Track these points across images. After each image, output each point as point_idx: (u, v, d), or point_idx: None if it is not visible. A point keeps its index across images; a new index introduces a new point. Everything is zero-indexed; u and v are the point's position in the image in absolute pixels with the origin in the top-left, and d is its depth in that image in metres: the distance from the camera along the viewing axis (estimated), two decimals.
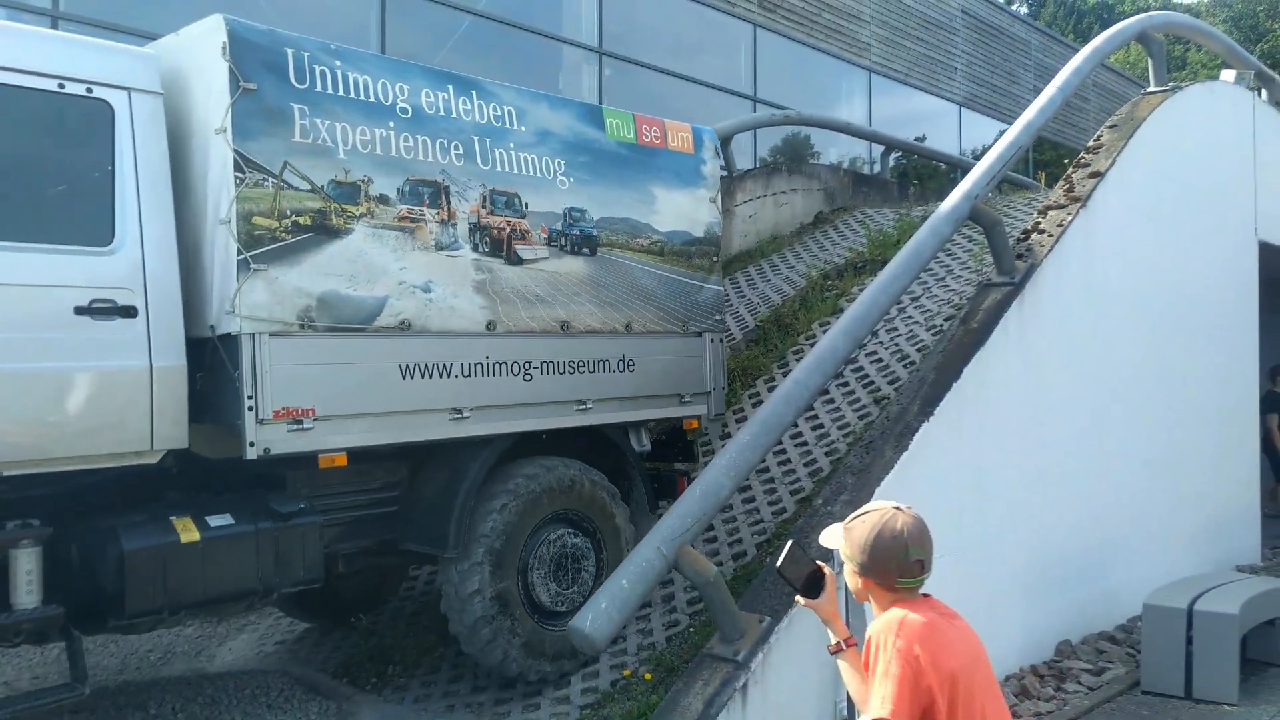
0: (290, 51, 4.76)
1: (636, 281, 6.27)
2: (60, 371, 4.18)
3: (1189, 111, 8.49)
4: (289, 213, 4.69)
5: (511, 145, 5.62)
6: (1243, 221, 9.14)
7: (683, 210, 6.59)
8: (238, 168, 4.53)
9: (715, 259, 6.83)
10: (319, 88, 4.84)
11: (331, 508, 5.19)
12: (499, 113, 5.59)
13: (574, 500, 5.75)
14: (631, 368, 6.18)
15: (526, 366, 5.60)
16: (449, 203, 5.31)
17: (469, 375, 5.34)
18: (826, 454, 6.81)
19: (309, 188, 4.77)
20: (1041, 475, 6.53)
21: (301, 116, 4.75)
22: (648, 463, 6.62)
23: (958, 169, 16.71)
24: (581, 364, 5.89)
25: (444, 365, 5.24)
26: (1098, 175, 7.26)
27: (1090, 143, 7.85)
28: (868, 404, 7.24)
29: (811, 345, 7.06)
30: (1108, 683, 6.21)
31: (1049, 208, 7.18)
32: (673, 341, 6.47)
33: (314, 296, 4.76)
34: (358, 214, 4.95)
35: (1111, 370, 7.23)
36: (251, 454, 4.52)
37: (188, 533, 4.49)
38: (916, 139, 18.07)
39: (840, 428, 7.09)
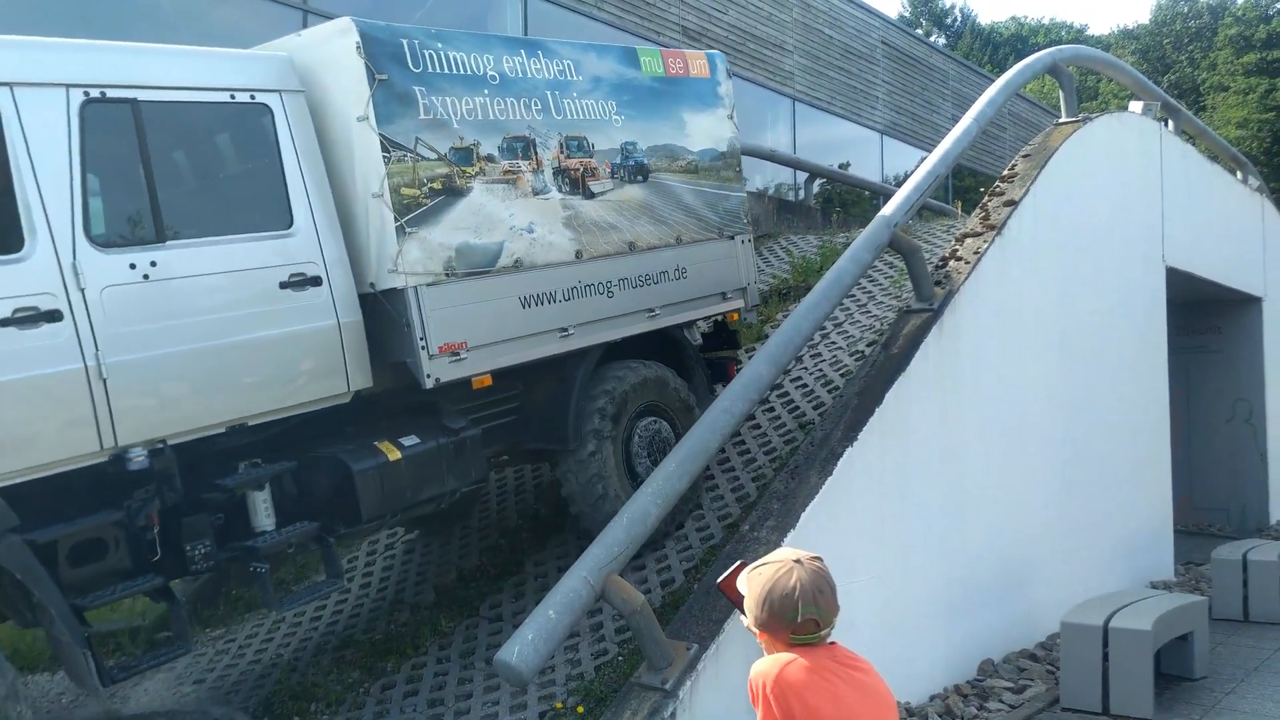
0: (405, 41, 5.43)
1: (681, 199, 7.00)
2: (278, 337, 4.97)
3: (1099, 141, 8.78)
4: (425, 181, 5.38)
5: (575, 94, 6.34)
6: (1151, 247, 9.46)
7: (708, 129, 7.26)
8: (383, 148, 5.21)
9: (738, 169, 7.54)
10: (431, 69, 5.54)
11: (476, 421, 5.98)
12: (561, 67, 6.28)
13: (655, 393, 6.67)
14: (685, 275, 6.95)
15: (608, 285, 6.39)
16: (536, 153, 6.02)
17: (569, 299, 6.13)
18: (753, 480, 6.85)
19: (436, 157, 5.45)
20: (961, 498, 6.66)
21: (422, 97, 5.43)
22: (702, 353, 7.65)
23: (880, 195, 17.03)
24: (648, 277, 6.67)
25: (550, 293, 6.01)
26: (1012, 204, 7.46)
27: (1005, 171, 8.08)
28: (793, 429, 7.31)
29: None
30: (1028, 700, 6.32)
31: (966, 235, 7.36)
32: (713, 247, 7.22)
33: (452, 249, 5.47)
34: (473, 174, 5.65)
35: (1027, 393, 7.41)
36: (428, 384, 5.33)
37: (391, 453, 5.39)
38: (840, 166, 18.39)
39: (767, 453, 7.14)
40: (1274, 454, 12.53)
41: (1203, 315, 12.73)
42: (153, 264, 4.61)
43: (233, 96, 5.03)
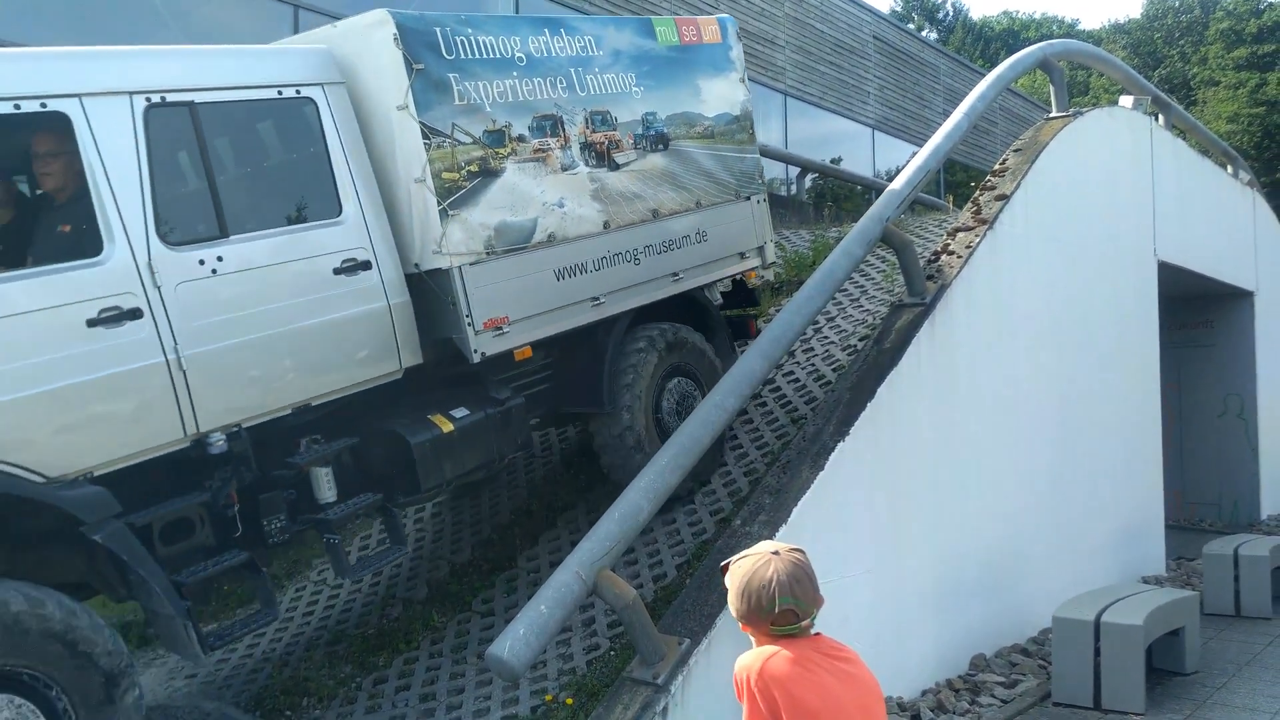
0: (438, 29, 5.59)
1: (699, 164, 7.19)
2: (335, 321, 5.17)
3: (1090, 136, 8.79)
4: (463, 164, 5.57)
5: (596, 70, 6.52)
6: (1142, 241, 9.47)
7: (722, 94, 7.46)
8: (423, 135, 5.39)
9: (751, 131, 7.72)
10: (463, 55, 5.71)
11: (519, 390, 6.27)
12: (582, 44, 6.47)
13: (682, 354, 6.99)
14: (705, 238, 7.17)
15: (635, 253, 6.62)
16: (564, 130, 6.21)
17: (599, 269, 6.36)
18: (745, 474, 6.85)
19: (471, 140, 5.64)
20: (953, 492, 6.66)
21: (456, 83, 5.62)
22: (722, 311, 7.91)
23: (872, 190, 17.04)
24: (671, 242, 6.90)
25: (582, 264, 6.24)
26: (1004, 198, 7.46)
27: (996, 166, 8.07)
28: (785, 424, 7.31)
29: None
30: (1020, 695, 6.33)
31: (958, 229, 7.36)
32: (731, 209, 7.43)
33: (491, 228, 5.68)
34: (506, 154, 5.84)
35: (1018, 387, 7.42)
36: (475, 359, 5.58)
37: (444, 425, 5.65)
38: (832, 161, 18.40)
39: (759, 448, 7.14)
40: (1265, 448, 12.58)
41: (1194, 309, 12.76)
42: (219, 259, 4.82)
43: (280, 92, 5.22)
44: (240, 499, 4.92)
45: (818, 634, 2.75)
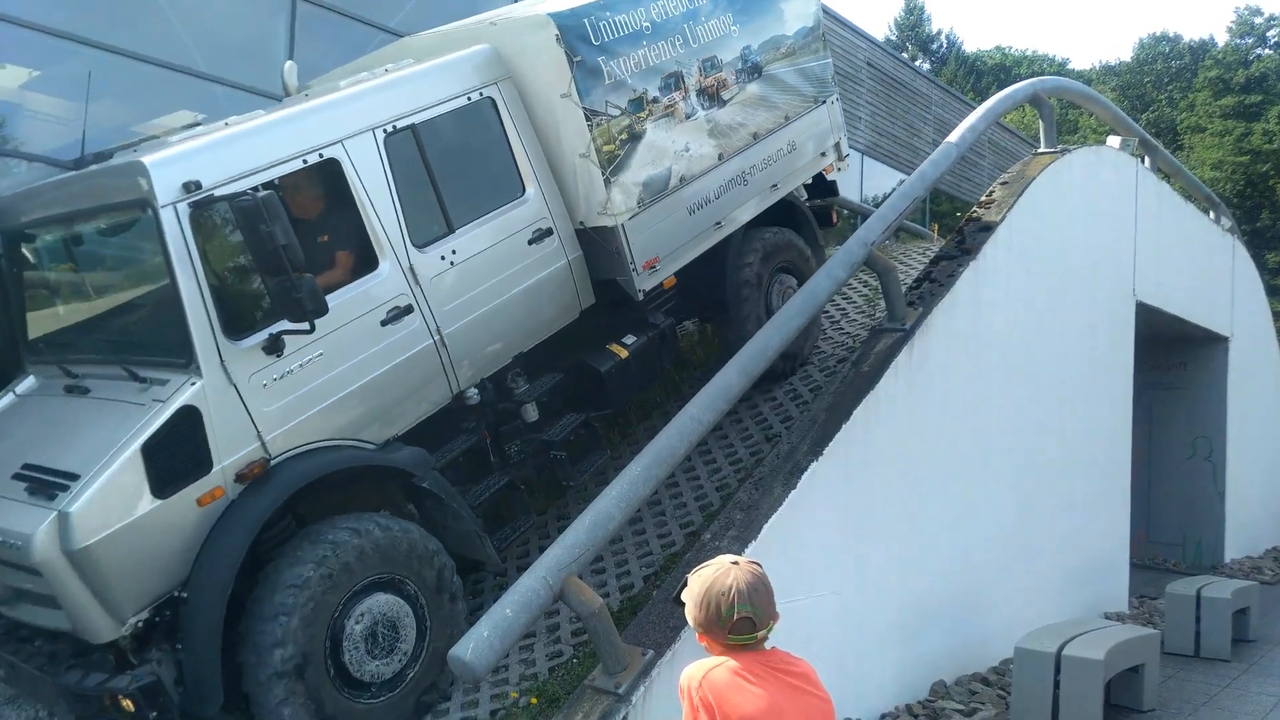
0: (586, 20, 6.35)
1: (785, 82, 7.89)
2: (535, 283, 6.29)
3: (1076, 173, 8.86)
4: (616, 135, 6.44)
5: (703, 19, 7.22)
6: (1122, 281, 9.56)
7: (798, 10, 8.06)
8: (586, 117, 6.24)
9: (823, 37, 8.35)
10: (605, 38, 6.46)
11: (667, 313, 7.30)
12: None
13: (784, 254, 8.04)
14: (794, 147, 7.99)
15: (743, 175, 7.46)
16: (684, 82, 6.98)
17: (718, 196, 7.24)
18: (718, 489, 6.85)
19: (620, 112, 6.48)
20: (922, 518, 6.68)
21: (604, 65, 6.39)
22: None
23: (858, 215, 17.12)
24: (770, 158, 7.71)
25: (706, 196, 7.13)
26: (988, 229, 7.51)
27: (983, 197, 8.14)
28: (760, 441, 7.32)
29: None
30: None
31: (941, 258, 7.41)
32: (812, 116, 8.19)
33: (641, 184, 6.57)
34: (645, 117, 6.66)
35: (992, 418, 7.46)
36: (639, 296, 6.65)
37: (621, 352, 6.76)
38: None
39: (732, 463, 7.15)
40: (1231, 492, 12.69)
41: (1169, 351, 12.88)
42: (453, 251, 5.87)
43: (469, 98, 6.13)
44: (491, 435, 6.19)
45: (773, 648, 2.78)
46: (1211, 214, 13.28)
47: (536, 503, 6.98)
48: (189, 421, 4.80)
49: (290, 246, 4.73)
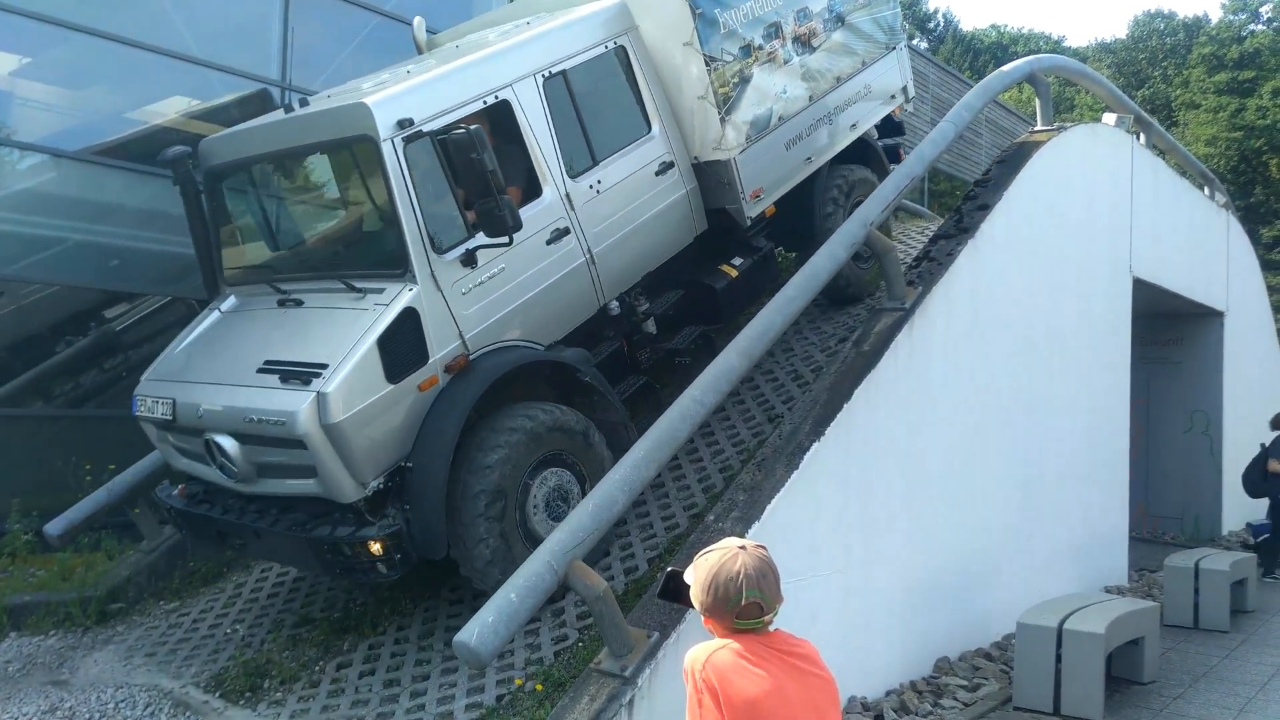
0: None
1: (863, 30, 8.69)
2: (661, 210, 7.12)
3: (1073, 151, 8.86)
4: (729, 78, 7.25)
5: None
6: (1119, 257, 9.57)
7: None
8: (705, 63, 7.03)
9: None
10: None
11: (767, 238, 8.11)
12: None
13: (861, 187, 8.62)
14: (870, 90, 8.79)
15: (829, 114, 8.29)
16: (782, 31, 7.80)
17: (809, 134, 8.07)
18: (721, 470, 6.86)
19: (732, 58, 7.28)
20: (924, 496, 6.70)
21: (719, 16, 7.19)
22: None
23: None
24: (850, 99, 8.53)
25: (799, 134, 7.95)
26: (986, 208, 7.51)
27: (980, 176, 8.13)
28: (762, 422, 7.32)
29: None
30: (982, 698, 6.39)
31: (939, 237, 7.40)
32: (885, 61, 8.99)
33: (748, 122, 7.39)
34: (752, 63, 7.45)
35: (992, 395, 7.47)
36: (746, 222, 7.49)
37: (731, 271, 7.61)
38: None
39: (735, 445, 7.15)
40: (1229, 465, 12.73)
41: (1166, 327, 12.91)
42: (599, 181, 6.70)
43: (606, 47, 6.93)
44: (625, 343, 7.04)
45: (776, 629, 2.79)
46: (1206, 190, 13.28)
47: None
48: (411, 320, 5.62)
49: (495, 172, 5.47)
